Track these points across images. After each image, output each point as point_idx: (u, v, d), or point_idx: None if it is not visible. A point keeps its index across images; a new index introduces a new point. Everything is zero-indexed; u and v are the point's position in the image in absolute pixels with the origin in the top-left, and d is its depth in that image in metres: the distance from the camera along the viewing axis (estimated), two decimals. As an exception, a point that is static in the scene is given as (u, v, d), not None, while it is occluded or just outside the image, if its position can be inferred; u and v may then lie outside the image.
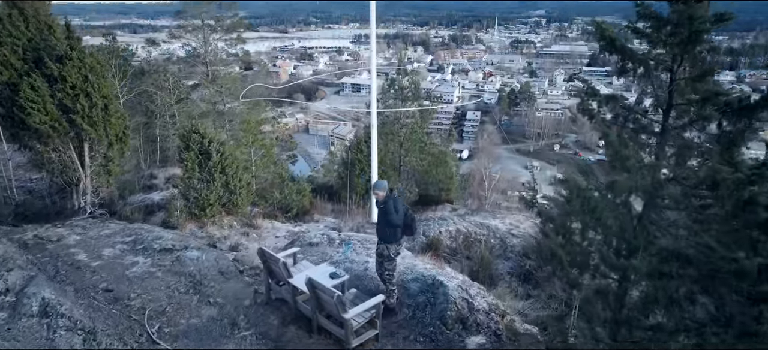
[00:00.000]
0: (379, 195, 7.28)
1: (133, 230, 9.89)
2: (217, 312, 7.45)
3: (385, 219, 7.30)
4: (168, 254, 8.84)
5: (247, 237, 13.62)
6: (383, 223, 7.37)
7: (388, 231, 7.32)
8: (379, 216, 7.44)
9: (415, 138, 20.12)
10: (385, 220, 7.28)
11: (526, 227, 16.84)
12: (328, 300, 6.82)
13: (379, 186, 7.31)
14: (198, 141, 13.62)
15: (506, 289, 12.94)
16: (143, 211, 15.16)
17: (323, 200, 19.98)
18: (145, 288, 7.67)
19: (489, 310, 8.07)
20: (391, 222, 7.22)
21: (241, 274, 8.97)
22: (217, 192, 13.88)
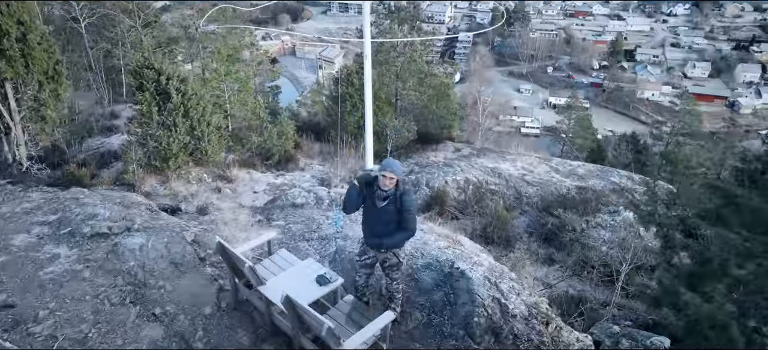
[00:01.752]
0: (389, 181, 4.93)
1: (61, 203, 7.65)
2: (163, 332, 5.43)
3: (396, 219, 5.09)
4: (102, 241, 6.68)
5: (219, 194, 11.50)
6: (390, 223, 5.12)
7: (398, 236, 5.18)
8: (381, 214, 5.12)
9: (414, 68, 17.57)
10: (397, 220, 5.08)
11: (540, 172, 14.87)
12: (316, 326, 4.81)
13: (392, 168, 4.94)
14: (153, 78, 11.12)
15: (525, 253, 11.12)
16: (97, 163, 12.86)
17: (309, 140, 17.71)
18: (62, 300, 5.58)
19: (528, 315, 6.14)
20: (406, 224, 5.07)
21: (201, 263, 6.88)
22: (180, 139, 11.58)
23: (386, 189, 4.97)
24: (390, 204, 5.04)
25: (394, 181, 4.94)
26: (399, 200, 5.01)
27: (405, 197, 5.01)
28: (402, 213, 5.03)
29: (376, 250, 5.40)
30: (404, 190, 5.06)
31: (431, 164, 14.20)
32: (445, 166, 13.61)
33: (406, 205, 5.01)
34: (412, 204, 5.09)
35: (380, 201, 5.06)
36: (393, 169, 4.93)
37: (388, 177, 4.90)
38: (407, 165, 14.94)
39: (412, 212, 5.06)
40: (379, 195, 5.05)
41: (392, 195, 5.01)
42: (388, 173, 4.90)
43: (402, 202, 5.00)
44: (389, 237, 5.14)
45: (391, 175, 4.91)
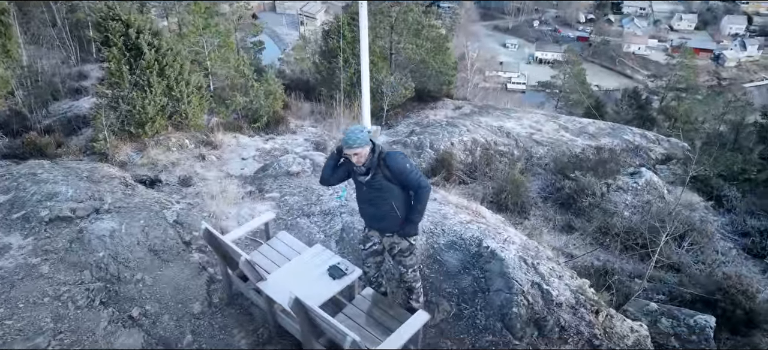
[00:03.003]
0: (354, 157, 4.00)
1: (14, 180, 6.45)
2: (143, 338, 4.44)
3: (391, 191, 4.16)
4: (64, 227, 5.56)
5: (203, 161, 10.35)
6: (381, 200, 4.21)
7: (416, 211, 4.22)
8: (368, 191, 4.22)
9: (411, 19, 16.22)
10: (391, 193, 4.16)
11: (549, 130, 13.93)
12: (336, 335, 3.84)
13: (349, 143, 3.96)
14: (120, 31, 9.73)
15: (542, 220, 10.29)
16: (63, 129, 11.54)
17: (299, 99, 16.44)
18: (14, 304, 4.52)
19: (575, 303, 5.25)
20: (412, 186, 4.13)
21: (187, 248, 5.83)
22: (157, 101, 10.30)
23: (362, 165, 4.04)
24: (375, 177, 4.10)
25: (363, 154, 3.99)
26: (386, 168, 4.06)
27: (390, 161, 4.04)
28: (404, 177, 4.06)
29: (380, 234, 4.54)
30: (386, 154, 4.08)
31: (433, 123, 13.15)
32: (448, 126, 12.56)
33: (397, 166, 4.03)
34: (403, 163, 4.09)
35: (361, 176, 4.16)
36: (351, 142, 3.95)
37: (353, 152, 3.97)
38: (406, 125, 13.86)
39: (409, 173, 4.07)
40: (358, 171, 4.14)
41: (373, 165, 4.06)
42: (348, 150, 3.99)
43: (391, 170, 4.04)
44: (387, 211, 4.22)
45: (355, 150, 3.96)
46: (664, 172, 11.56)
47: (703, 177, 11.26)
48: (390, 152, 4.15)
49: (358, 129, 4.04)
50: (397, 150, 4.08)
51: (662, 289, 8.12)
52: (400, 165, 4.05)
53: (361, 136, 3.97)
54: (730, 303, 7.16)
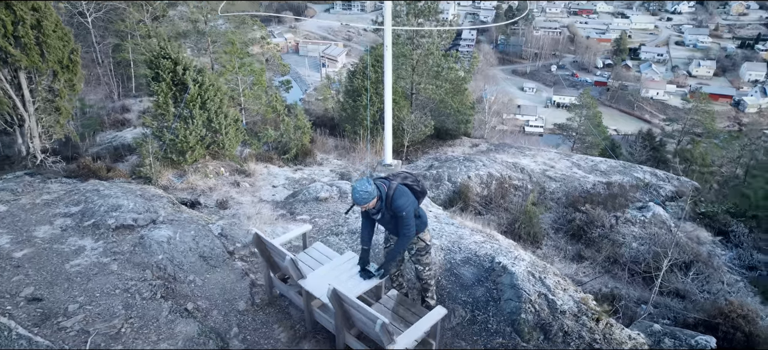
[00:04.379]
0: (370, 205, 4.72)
1: (82, 194, 7.35)
2: (198, 329, 5.13)
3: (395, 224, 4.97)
4: (127, 233, 6.39)
5: (237, 188, 11.20)
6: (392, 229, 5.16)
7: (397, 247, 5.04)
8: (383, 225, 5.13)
9: (431, 61, 17.22)
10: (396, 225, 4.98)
11: (561, 167, 14.55)
12: (366, 322, 4.51)
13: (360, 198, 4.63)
14: (169, 68, 10.81)
15: (553, 249, 10.83)
16: (111, 156, 12.58)
17: (323, 135, 17.39)
18: (91, 293, 5.29)
19: (578, 312, 5.83)
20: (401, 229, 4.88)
21: (231, 257, 6.59)
22: (198, 132, 11.28)
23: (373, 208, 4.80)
24: (383, 215, 4.91)
25: (372, 205, 4.72)
26: (390, 208, 4.81)
27: (395, 203, 4.76)
28: (395, 218, 4.84)
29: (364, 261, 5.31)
30: (393, 196, 4.79)
31: (450, 159, 13.86)
32: (465, 161, 13.28)
33: (398, 208, 4.74)
34: (403, 206, 4.77)
35: (375, 216, 4.96)
36: (361, 201, 4.63)
37: (363, 208, 4.75)
38: (426, 160, 14.61)
39: (404, 216, 4.78)
40: (371, 212, 4.91)
41: (381, 207, 4.82)
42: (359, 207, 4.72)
43: (393, 208, 4.77)
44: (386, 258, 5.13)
45: (364, 205, 4.68)
46: (673, 207, 12.04)
47: (712, 213, 11.71)
48: (396, 195, 4.79)
49: (363, 189, 4.63)
50: (404, 189, 4.90)
51: (667, 314, 8.55)
52: (398, 209, 4.75)
53: (366, 195, 4.64)
54: (730, 326, 7.58)
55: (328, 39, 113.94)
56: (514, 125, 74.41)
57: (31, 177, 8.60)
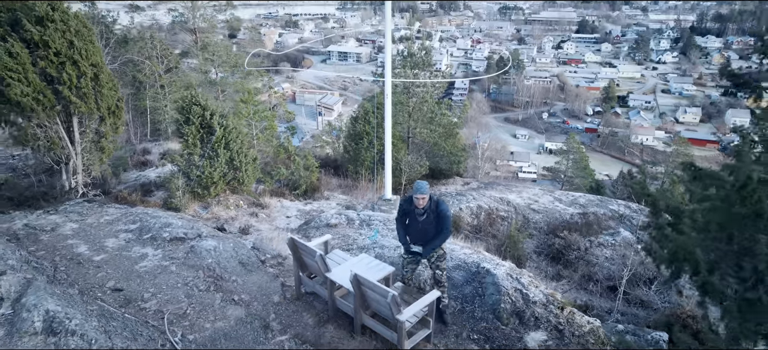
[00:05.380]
0: (421, 200, 6.10)
1: (136, 215, 8.81)
2: (244, 313, 6.50)
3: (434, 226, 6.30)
4: (180, 244, 7.82)
5: (256, 218, 12.64)
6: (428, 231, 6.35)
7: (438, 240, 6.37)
8: (422, 225, 6.34)
9: (426, 108, 19.05)
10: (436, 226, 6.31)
11: (545, 202, 16.10)
12: (379, 299, 5.91)
13: (421, 190, 6.10)
14: (199, 113, 12.45)
15: (535, 270, 12.22)
16: (140, 191, 14.02)
17: (328, 175, 18.95)
18: (159, 286, 6.68)
19: (546, 302, 7.25)
20: (443, 224, 6.26)
21: (263, 264, 8.00)
22: (221, 169, 12.80)
23: (422, 207, 6.16)
24: (428, 216, 6.24)
25: (426, 199, 6.12)
26: (435, 210, 6.22)
27: (440, 206, 6.22)
28: (439, 217, 6.21)
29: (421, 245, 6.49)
30: (438, 201, 6.26)
31: (444, 194, 15.41)
32: (458, 195, 14.82)
33: (443, 210, 6.20)
34: (447, 209, 6.27)
35: (420, 217, 6.25)
36: (422, 190, 6.11)
37: (421, 197, 6.09)
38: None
39: (448, 215, 6.24)
40: (418, 212, 6.22)
41: (428, 208, 6.19)
42: (419, 195, 6.09)
43: (439, 209, 6.20)
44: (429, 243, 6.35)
45: (423, 195, 6.09)
46: (642, 234, 13.52)
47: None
48: (440, 201, 6.28)
49: (424, 183, 6.17)
50: (441, 200, 6.37)
51: (632, 320, 9.91)
52: (445, 210, 6.20)
53: (425, 188, 6.11)
54: (681, 325, 8.95)
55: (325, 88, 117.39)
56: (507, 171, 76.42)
57: (89, 203, 10.06)
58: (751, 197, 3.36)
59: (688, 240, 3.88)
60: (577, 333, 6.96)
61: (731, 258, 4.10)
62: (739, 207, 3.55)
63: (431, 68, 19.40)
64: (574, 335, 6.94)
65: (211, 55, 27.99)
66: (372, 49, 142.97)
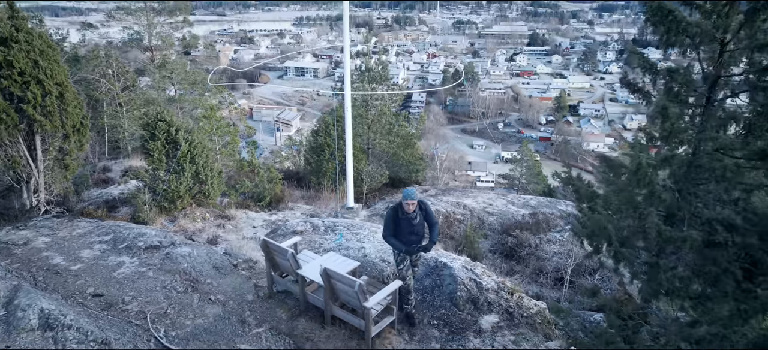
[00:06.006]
0: (411, 205, 6.66)
1: (109, 228, 9.10)
2: (222, 310, 6.98)
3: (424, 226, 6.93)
4: (155, 251, 8.20)
5: (223, 229, 12.99)
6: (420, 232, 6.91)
7: (435, 233, 6.99)
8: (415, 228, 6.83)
9: (384, 120, 19.85)
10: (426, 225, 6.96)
11: (499, 205, 17.10)
12: (347, 289, 6.54)
13: (411, 196, 6.68)
14: (164, 129, 12.75)
15: (490, 266, 13.10)
16: (105, 207, 14.09)
17: (291, 187, 19.40)
18: (138, 290, 7.07)
19: (498, 289, 8.06)
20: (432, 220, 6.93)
21: (235, 268, 8.47)
22: (187, 182, 13.11)
23: (413, 211, 6.71)
24: (420, 218, 6.82)
25: (415, 204, 6.70)
26: (425, 210, 6.89)
27: (428, 207, 6.94)
28: (428, 214, 6.91)
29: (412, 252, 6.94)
30: (421, 200, 6.91)
31: (404, 201, 16.15)
32: (417, 201, 15.58)
33: (428, 206, 6.95)
34: (430, 208, 7.01)
35: (414, 220, 6.76)
36: (412, 195, 6.70)
37: (411, 202, 6.64)
38: (383, 203, 16.85)
39: (433, 215, 6.99)
40: (411, 216, 6.72)
41: (417, 210, 6.78)
42: (410, 201, 6.64)
43: (427, 212, 6.89)
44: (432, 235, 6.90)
45: (413, 201, 6.66)
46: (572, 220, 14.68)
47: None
48: (424, 201, 6.99)
49: (413, 189, 6.78)
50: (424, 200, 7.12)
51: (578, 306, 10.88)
52: (429, 208, 6.94)
53: (415, 193, 6.72)
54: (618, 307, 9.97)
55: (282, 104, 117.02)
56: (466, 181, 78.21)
57: (58, 217, 10.21)
58: (644, 179, 4.21)
59: (602, 218, 4.72)
60: (525, 315, 7.78)
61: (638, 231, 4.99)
62: (636, 188, 4.41)
63: (388, 82, 20.27)
64: (523, 316, 7.76)
65: (169, 73, 27.97)
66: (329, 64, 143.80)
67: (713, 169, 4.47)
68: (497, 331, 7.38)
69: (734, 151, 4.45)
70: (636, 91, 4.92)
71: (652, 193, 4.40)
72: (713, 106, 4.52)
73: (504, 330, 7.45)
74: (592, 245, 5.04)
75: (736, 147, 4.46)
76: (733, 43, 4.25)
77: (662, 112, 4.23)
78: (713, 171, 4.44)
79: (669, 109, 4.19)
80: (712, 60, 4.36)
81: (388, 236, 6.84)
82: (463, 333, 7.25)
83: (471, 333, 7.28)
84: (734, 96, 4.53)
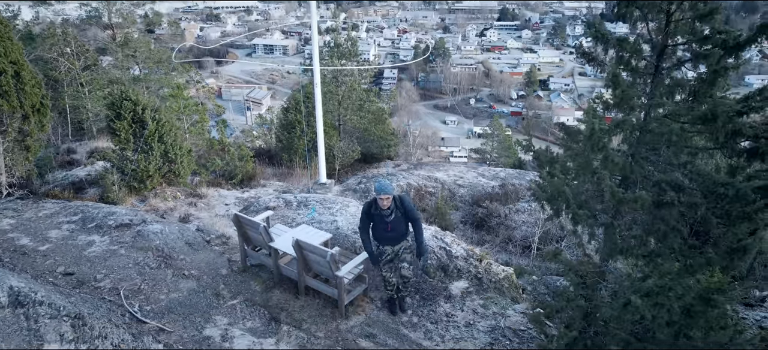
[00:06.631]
0: (386, 201, 5.97)
1: (77, 208, 8.99)
2: (196, 285, 7.06)
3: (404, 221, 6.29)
4: (126, 229, 8.17)
5: (195, 207, 12.93)
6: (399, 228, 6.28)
7: (419, 232, 6.37)
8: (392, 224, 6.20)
9: (355, 96, 19.85)
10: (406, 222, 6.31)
11: (469, 178, 17.46)
12: (319, 259, 6.69)
13: (385, 190, 5.93)
14: (130, 108, 12.51)
15: (461, 236, 13.46)
16: (71, 189, 13.82)
17: (263, 164, 19.33)
18: (110, 268, 7.07)
19: (467, 256, 8.35)
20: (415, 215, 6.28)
21: (208, 244, 8.52)
22: (156, 162, 12.95)
23: (387, 207, 6.06)
24: (396, 214, 6.16)
25: (390, 199, 6.04)
26: (402, 207, 6.18)
27: (405, 202, 6.21)
28: (408, 210, 6.20)
29: (392, 246, 6.43)
30: (401, 196, 6.23)
31: (376, 176, 16.34)
32: (388, 176, 15.80)
33: (408, 202, 6.25)
34: (411, 202, 6.35)
35: (388, 217, 6.13)
36: (387, 190, 6.00)
37: (385, 197, 5.98)
38: (355, 179, 17.00)
39: (414, 206, 6.36)
40: (385, 213, 6.10)
41: (393, 207, 6.13)
42: (384, 195, 5.97)
43: (404, 207, 6.18)
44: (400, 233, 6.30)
45: (387, 195, 5.98)
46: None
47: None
48: (402, 195, 6.20)
49: (387, 182, 6.00)
50: (404, 194, 6.35)
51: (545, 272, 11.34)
52: (409, 204, 6.20)
53: (389, 188, 5.98)
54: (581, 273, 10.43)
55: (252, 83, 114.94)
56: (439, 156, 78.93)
57: (23, 200, 10.01)
58: (598, 144, 4.47)
59: (560, 182, 4.97)
60: (494, 280, 8.11)
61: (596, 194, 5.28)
62: (592, 154, 4.67)
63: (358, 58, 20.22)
64: (492, 281, 8.09)
65: (132, 52, 27.21)
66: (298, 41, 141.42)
67: (662, 133, 4.75)
68: (466, 296, 7.68)
69: (681, 117, 4.74)
70: (591, 60, 5.15)
71: (607, 158, 4.66)
72: (661, 74, 4.79)
73: (473, 295, 7.75)
74: (552, 208, 5.30)
75: (683, 112, 4.75)
76: (678, 13, 4.50)
77: (613, 79, 4.47)
78: (662, 135, 4.72)
79: (619, 76, 4.43)
80: (660, 30, 4.61)
81: (361, 232, 6.38)
82: (434, 298, 7.52)
83: (441, 299, 7.56)
84: (680, 64, 4.79)
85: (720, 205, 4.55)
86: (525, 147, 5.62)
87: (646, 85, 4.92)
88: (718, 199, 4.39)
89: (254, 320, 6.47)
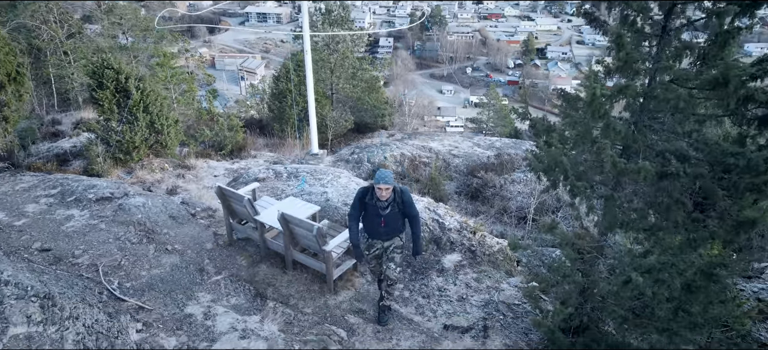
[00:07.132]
0: (384, 191, 5.28)
1: (56, 181, 8.66)
2: (179, 260, 6.80)
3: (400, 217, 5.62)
4: (107, 203, 7.86)
5: (183, 179, 12.62)
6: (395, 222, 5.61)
7: (417, 230, 5.72)
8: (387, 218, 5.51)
9: (347, 64, 19.33)
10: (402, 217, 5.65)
11: (464, 147, 17.14)
12: (306, 233, 6.42)
13: (385, 180, 5.24)
14: (113, 77, 12.06)
15: (456, 207, 13.23)
16: (55, 161, 13.45)
17: (254, 135, 18.95)
18: (89, 243, 6.79)
19: (460, 228, 8.11)
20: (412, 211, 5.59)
21: (193, 217, 8.24)
22: (142, 133, 12.57)
23: (385, 199, 5.35)
24: (393, 208, 5.46)
25: (390, 190, 5.31)
26: (401, 201, 5.47)
27: (406, 196, 5.49)
28: (407, 205, 5.50)
29: (383, 241, 5.74)
30: (402, 189, 5.51)
31: (369, 146, 16.00)
32: (382, 146, 15.46)
33: (409, 201, 5.50)
34: (410, 198, 5.56)
35: (383, 210, 5.42)
36: (387, 180, 5.25)
37: (384, 187, 5.25)
38: (349, 149, 16.67)
39: (412, 205, 5.57)
40: (381, 205, 5.38)
41: (392, 199, 5.42)
42: (383, 185, 5.23)
43: (404, 202, 5.47)
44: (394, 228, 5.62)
45: (387, 186, 5.25)
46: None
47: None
48: (404, 188, 5.51)
49: (389, 172, 5.30)
50: (405, 187, 5.61)
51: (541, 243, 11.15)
52: (409, 198, 5.50)
53: (390, 178, 5.26)
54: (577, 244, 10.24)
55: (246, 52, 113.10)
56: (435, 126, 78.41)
57: (1, 173, 9.66)
58: (599, 110, 4.15)
59: (557, 152, 4.68)
60: (488, 253, 7.88)
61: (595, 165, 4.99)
62: (592, 121, 4.36)
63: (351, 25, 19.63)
64: (486, 254, 7.86)
65: (118, 19, 26.41)
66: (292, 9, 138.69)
67: (668, 100, 4.44)
68: (459, 270, 7.47)
69: (688, 82, 4.41)
70: (593, 20, 4.79)
71: (608, 126, 4.35)
72: (669, 35, 4.44)
73: (466, 268, 7.54)
74: (549, 180, 5.02)
75: (690, 77, 4.42)
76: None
77: (617, 40, 4.13)
78: (668, 102, 4.41)
79: (624, 37, 4.09)
80: (670, -14, 4.25)
81: (349, 219, 5.61)
82: (426, 272, 7.31)
83: (434, 272, 7.34)
84: (690, 24, 4.45)
85: (728, 176, 4.27)
86: (521, 114, 5.30)
87: (652, 48, 4.57)
88: (726, 170, 4.10)
89: (239, 296, 6.24)
